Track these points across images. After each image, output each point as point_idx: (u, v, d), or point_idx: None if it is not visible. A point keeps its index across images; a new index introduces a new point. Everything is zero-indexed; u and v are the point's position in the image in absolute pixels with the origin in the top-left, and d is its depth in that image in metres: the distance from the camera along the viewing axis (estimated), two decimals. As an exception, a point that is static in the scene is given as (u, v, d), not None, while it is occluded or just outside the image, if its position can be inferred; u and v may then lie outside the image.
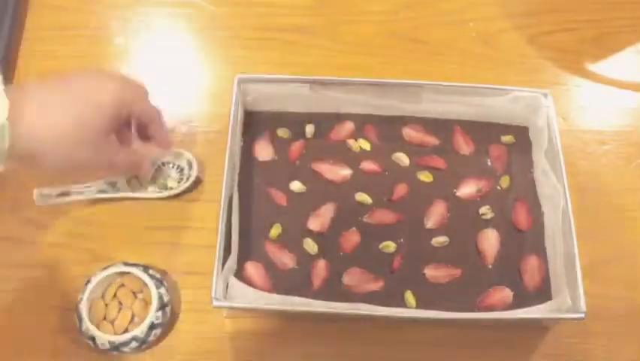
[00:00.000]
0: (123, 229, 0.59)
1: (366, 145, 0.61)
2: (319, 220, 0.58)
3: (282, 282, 0.55)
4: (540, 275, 0.56)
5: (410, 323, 0.56)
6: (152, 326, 0.51)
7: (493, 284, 0.55)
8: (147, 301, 0.52)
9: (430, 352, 0.55)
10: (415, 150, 0.61)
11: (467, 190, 0.59)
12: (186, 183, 0.60)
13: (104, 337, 0.50)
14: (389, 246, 0.57)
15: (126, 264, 0.53)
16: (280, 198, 0.59)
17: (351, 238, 0.57)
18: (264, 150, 0.61)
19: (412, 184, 0.60)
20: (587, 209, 0.60)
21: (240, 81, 0.59)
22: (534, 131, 0.61)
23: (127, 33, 0.69)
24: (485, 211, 0.58)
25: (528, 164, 0.61)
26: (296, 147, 0.61)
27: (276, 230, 0.57)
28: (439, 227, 0.58)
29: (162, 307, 0.51)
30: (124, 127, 0.53)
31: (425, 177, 0.60)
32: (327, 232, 0.57)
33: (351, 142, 0.61)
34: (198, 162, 0.61)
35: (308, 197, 0.59)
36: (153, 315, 0.51)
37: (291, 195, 0.59)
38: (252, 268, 0.55)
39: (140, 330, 0.50)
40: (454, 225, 0.58)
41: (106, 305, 0.52)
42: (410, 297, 0.54)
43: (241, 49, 0.69)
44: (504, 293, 0.55)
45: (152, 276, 0.52)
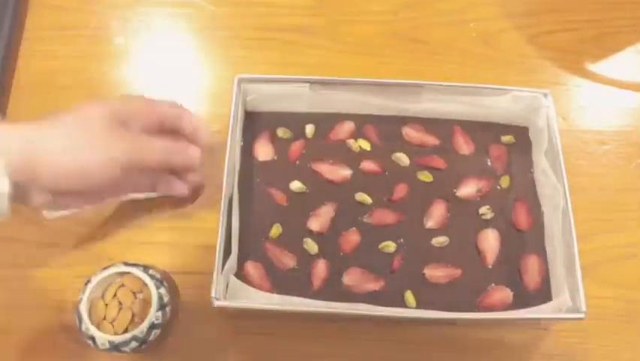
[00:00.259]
0: (123, 229, 0.59)
1: (366, 145, 0.61)
2: (319, 220, 0.58)
3: (282, 282, 0.55)
4: (540, 275, 0.56)
5: (410, 323, 0.56)
6: (152, 326, 0.51)
7: (493, 284, 0.55)
8: (147, 301, 0.52)
9: (430, 352, 0.55)
10: (415, 150, 0.61)
11: (467, 190, 0.59)
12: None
13: (104, 337, 0.50)
14: (389, 246, 0.57)
15: (126, 264, 0.53)
16: (280, 198, 0.59)
17: (351, 238, 0.57)
18: (264, 150, 0.61)
19: (412, 184, 0.60)
20: (587, 209, 0.60)
21: (240, 81, 0.59)
22: (534, 131, 0.61)
23: (127, 33, 0.69)
24: (485, 211, 0.58)
25: (528, 164, 0.61)
26: (296, 147, 0.61)
27: (276, 230, 0.57)
28: (439, 227, 0.58)
29: (162, 307, 0.51)
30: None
31: (425, 177, 0.60)
32: (327, 232, 0.57)
33: (351, 142, 0.61)
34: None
35: (308, 197, 0.59)
36: (153, 315, 0.50)
37: (291, 195, 0.59)
38: (252, 268, 0.55)
39: (140, 330, 0.50)
40: (454, 225, 0.58)
41: (106, 305, 0.52)
42: (410, 297, 0.54)
43: (241, 49, 0.69)
44: (504, 293, 0.55)
45: (152, 276, 0.52)
